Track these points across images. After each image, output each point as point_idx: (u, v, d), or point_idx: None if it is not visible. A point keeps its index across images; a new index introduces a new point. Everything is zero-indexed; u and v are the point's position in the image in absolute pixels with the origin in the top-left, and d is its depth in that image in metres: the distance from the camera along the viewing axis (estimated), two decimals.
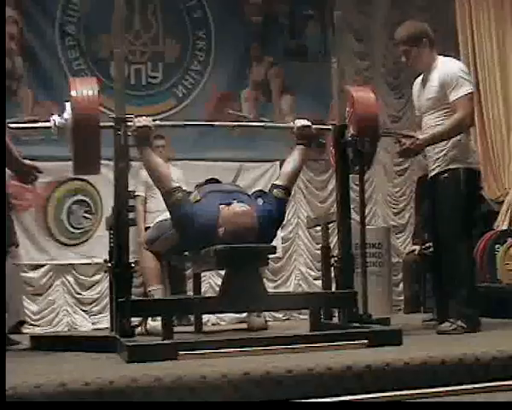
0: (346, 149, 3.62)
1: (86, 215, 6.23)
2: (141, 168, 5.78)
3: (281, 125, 5.08)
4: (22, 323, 4.70)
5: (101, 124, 3.30)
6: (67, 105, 3.37)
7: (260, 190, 6.74)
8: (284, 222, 4.65)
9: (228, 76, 6.79)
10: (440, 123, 3.79)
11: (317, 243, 6.25)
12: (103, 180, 3.47)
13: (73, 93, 3.31)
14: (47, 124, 3.43)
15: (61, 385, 2.16)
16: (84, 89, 3.32)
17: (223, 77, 6.76)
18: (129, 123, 3.35)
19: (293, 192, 3.78)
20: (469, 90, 3.74)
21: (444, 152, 3.80)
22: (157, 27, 6.64)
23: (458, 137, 3.79)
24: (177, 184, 3.51)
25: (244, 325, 4.88)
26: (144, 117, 3.46)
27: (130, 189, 3.38)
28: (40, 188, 5.95)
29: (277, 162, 6.74)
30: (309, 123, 3.81)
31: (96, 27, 6.35)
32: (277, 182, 3.73)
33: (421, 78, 4.00)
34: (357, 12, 7.20)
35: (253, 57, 6.89)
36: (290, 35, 7.06)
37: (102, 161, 3.47)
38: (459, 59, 6.24)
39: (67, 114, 3.35)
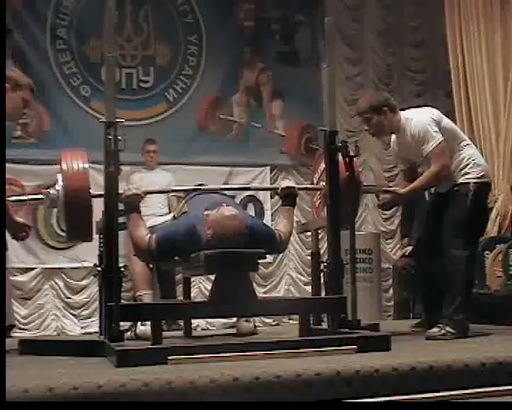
0: (335, 154, 3.62)
1: None
2: (132, 172, 5.82)
3: (267, 186, 5.14)
4: (11, 327, 4.68)
5: (92, 193, 3.37)
6: (59, 177, 3.42)
7: (251, 196, 6.81)
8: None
9: (219, 81, 6.80)
10: None
11: (308, 249, 6.26)
12: (93, 184, 3.45)
13: (64, 167, 3.38)
14: (39, 196, 3.54)
15: (49, 390, 2.16)
16: (75, 162, 3.38)
17: (214, 81, 6.77)
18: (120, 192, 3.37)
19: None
20: (436, 143, 3.79)
21: (453, 168, 3.87)
22: (148, 31, 6.64)
23: (466, 154, 3.89)
24: (148, 235, 3.47)
25: (233, 330, 4.87)
26: (134, 186, 3.52)
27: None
28: (30, 191, 5.94)
29: (268, 167, 6.77)
30: (293, 184, 3.86)
31: (87, 31, 6.35)
32: (279, 231, 3.67)
33: (395, 138, 4.08)
34: (348, 18, 7.24)
35: (245, 62, 6.91)
36: (282, 40, 7.08)
37: (93, 165, 3.47)
38: (448, 67, 6.31)
39: (59, 185, 3.40)
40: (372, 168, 7.14)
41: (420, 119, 3.89)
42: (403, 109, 4.04)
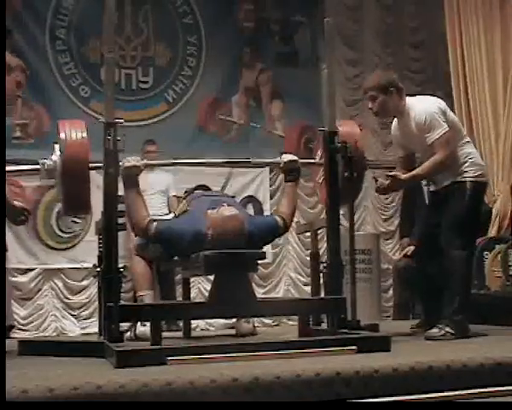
0: (335, 155, 3.63)
1: (75, 220, 6.22)
2: None
3: (267, 160, 5.09)
4: (11, 327, 4.68)
5: (91, 165, 3.31)
6: (56, 147, 3.37)
7: (250, 196, 6.81)
8: None
9: (219, 81, 6.80)
10: None
11: (307, 249, 6.26)
12: (93, 185, 3.45)
13: (62, 136, 3.31)
14: (36, 166, 3.46)
15: (49, 390, 2.16)
16: (73, 131, 3.31)
17: (213, 82, 6.78)
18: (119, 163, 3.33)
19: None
20: (443, 131, 3.75)
21: (452, 169, 3.84)
22: (148, 32, 6.65)
23: (465, 151, 3.87)
24: (149, 218, 3.48)
25: (233, 331, 4.87)
26: (133, 157, 3.46)
27: (119, 193, 3.37)
28: (29, 192, 5.95)
29: (267, 168, 6.77)
30: (295, 158, 3.79)
31: (86, 32, 6.36)
32: (280, 214, 3.68)
33: (396, 122, 4.03)
34: (348, 19, 7.24)
35: (244, 63, 6.91)
36: (281, 41, 7.09)
37: (92, 165, 3.46)
38: (448, 68, 6.32)
39: (56, 156, 3.35)
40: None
41: (427, 106, 3.84)
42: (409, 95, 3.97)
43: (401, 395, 2.44)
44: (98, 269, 3.53)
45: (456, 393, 2.49)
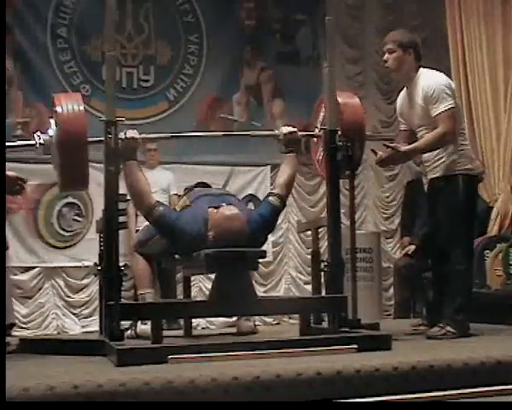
0: (336, 153, 3.62)
1: (76, 218, 6.23)
2: None
3: (266, 132, 5.01)
4: (12, 325, 4.68)
5: (89, 139, 3.26)
6: (52, 121, 3.34)
7: (251, 195, 6.81)
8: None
9: (220, 80, 6.79)
10: None
11: (308, 248, 6.26)
12: (94, 183, 3.45)
13: (59, 109, 3.26)
14: (30, 142, 3.39)
15: (50, 388, 2.16)
16: (70, 104, 3.26)
17: (215, 81, 6.77)
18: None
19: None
20: (449, 106, 3.71)
21: (443, 159, 3.81)
22: (149, 31, 6.64)
23: (459, 142, 3.82)
24: (156, 199, 3.49)
25: (233, 329, 4.88)
26: (131, 130, 3.42)
27: (120, 192, 3.37)
28: (30, 190, 5.94)
29: (268, 166, 6.76)
30: (294, 129, 3.79)
31: (88, 30, 6.35)
32: (273, 190, 3.71)
33: (404, 92, 4.00)
34: (349, 17, 7.23)
35: (245, 61, 6.90)
36: (282, 40, 7.08)
37: (93, 164, 3.46)
38: (449, 66, 6.31)
39: (52, 130, 3.32)
40: (372, 166, 7.13)
41: (438, 79, 3.81)
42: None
43: (402, 393, 2.44)
44: (99, 267, 3.53)
45: (457, 392, 2.49)
